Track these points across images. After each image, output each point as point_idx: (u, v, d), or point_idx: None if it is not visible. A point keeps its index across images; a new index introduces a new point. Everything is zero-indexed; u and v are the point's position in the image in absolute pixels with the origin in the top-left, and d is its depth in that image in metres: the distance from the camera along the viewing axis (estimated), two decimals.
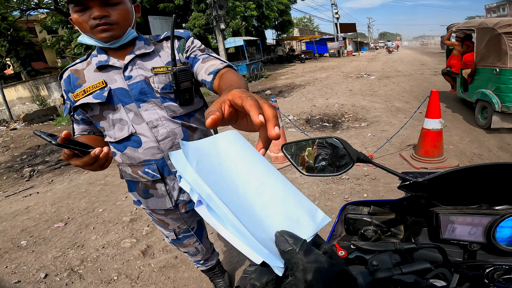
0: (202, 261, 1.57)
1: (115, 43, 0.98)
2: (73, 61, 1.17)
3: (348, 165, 0.70)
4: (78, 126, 1.12)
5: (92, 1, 0.89)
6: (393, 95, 6.83)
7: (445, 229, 0.58)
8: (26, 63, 14.02)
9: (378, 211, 0.79)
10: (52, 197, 3.63)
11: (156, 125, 1.04)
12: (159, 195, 1.15)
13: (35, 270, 2.25)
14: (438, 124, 2.88)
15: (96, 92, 1.00)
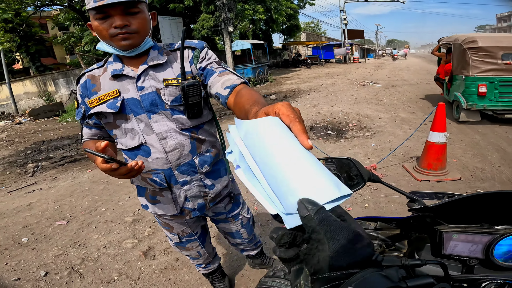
0: (204, 264, 1.59)
1: (133, 51, 1.00)
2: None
3: (360, 184, 0.75)
4: (89, 130, 1.14)
5: (113, 10, 0.90)
6: (398, 104, 6.83)
7: (447, 246, 0.62)
8: (35, 59, 14.17)
9: (384, 226, 0.83)
10: (55, 194, 3.66)
11: (165, 137, 1.06)
12: (166, 202, 1.18)
13: (36, 268, 2.26)
14: (443, 137, 2.88)
15: (110, 101, 1.02)
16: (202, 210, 1.23)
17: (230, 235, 1.54)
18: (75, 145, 6.33)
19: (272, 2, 17.44)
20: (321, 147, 4.10)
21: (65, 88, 13.30)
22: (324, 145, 4.35)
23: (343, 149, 4.12)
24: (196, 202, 1.19)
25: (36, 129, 9.17)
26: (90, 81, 1.07)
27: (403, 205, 2.60)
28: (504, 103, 4.57)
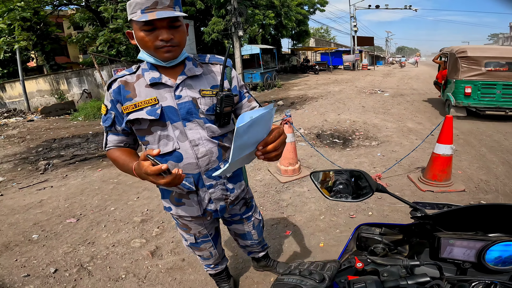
0: (213, 265, 1.66)
1: (171, 62, 1.07)
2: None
3: (368, 194, 0.84)
4: (116, 137, 1.17)
5: (160, 23, 0.97)
6: (406, 114, 6.82)
7: (444, 250, 0.70)
8: (50, 57, 14.48)
9: (388, 232, 0.90)
10: (66, 192, 3.75)
11: (198, 144, 1.13)
12: (191, 204, 1.25)
13: (45, 265, 2.30)
14: (449, 150, 2.90)
15: (149, 109, 1.07)
16: (222, 211, 1.31)
17: (241, 237, 1.62)
18: (86, 144, 6.46)
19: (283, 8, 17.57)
20: (327, 155, 4.14)
21: (77, 87, 13.55)
22: (330, 153, 4.38)
23: (349, 158, 4.15)
24: (218, 204, 1.27)
25: (48, 126, 9.35)
26: (124, 87, 1.10)
27: (406, 214, 2.65)
28: (485, 102, 5.77)
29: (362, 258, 0.70)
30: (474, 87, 5.77)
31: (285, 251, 2.28)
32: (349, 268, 0.69)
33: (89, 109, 10.71)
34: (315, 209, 2.85)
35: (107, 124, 1.15)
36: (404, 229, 0.87)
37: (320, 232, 2.48)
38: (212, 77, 1.16)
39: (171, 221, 2.82)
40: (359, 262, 0.67)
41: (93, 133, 7.55)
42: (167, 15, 0.93)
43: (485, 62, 5.69)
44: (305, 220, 2.68)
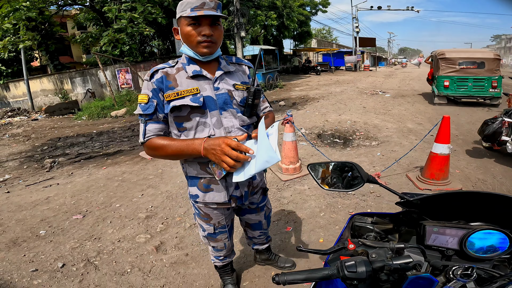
0: (223, 257, 1.73)
1: (208, 57, 1.22)
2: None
3: (360, 184, 0.91)
4: (157, 125, 1.24)
5: (205, 20, 1.14)
6: (407, 115, 6.88)
7: (429, 238, 0.75)
8: (54, 57, 14.60)
9: (380, 221, 0.96)
10: (72, 189, 3.83)
11: (230, 131, 1.26)
12: (219, 190, 1.34)
13: (53, 260, 2.35)
14: (446, 149, 2.96)
15: (191, 97, 1.20)
16: (246, 198, 1.42)
17: (251, 227, 1.73)
18: (90, 143, 6.55)
19: (285, 9, 17.67)
20: (327, 155, 4.21)
21: (81, 87, 13.69)
22: (331, 153, 4.45)
23: (349, 157, 4.22)
24: (243, 190, 1.38)
25: (52, 125, 9.46)
26: (165, 77, 1.22)
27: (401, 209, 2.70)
28: (460, 92, 7.66)
29: (354, 241, 0.77)
30: (451, 81, 7.68)
31: (286, 247, 2.35)
32: (343, 249, 0.77)
33: (93, 108, 10.82)
34: (315, 206, 2.92)
35: (149, 111, 1.22)
36: (394, 218, 0.93)
37: (320, 229, 2.55)
38: (241, 74, 1.34)
39: (175, 217, 2.89)
40: (351, 244, 0.75)
41: (97, 132, 7.64)
42: (211, 13, 1.11)
43: (459, 62, 7.68)
44: (305, 217, 2.75)
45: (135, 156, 5.05)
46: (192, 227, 2.70)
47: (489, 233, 0.70)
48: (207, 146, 1.12)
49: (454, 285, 0.63)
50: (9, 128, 9.48)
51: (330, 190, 0.98)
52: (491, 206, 0.78)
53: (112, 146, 6.01)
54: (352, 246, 0.74)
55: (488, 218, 0.77)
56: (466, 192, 0.80)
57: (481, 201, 0.79)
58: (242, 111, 1.30)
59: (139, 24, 10.49)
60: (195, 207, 1.50)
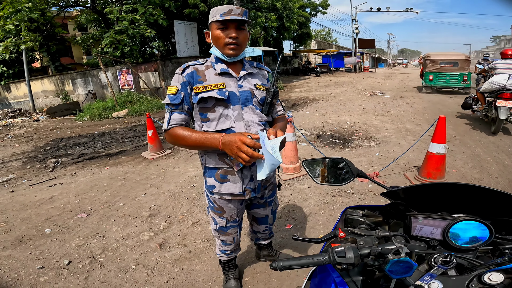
0: (229, 251, 1.81)
1: (233, 59, 1.38)
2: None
3: (350, 179, 1.00)
4: (181, 115, 1.37)
5: (231, 24, 1.30)
6: (405, 116, 6.95)
7: (415, 229, 0.80)
8: (55, 58, 14.66)
9: (370, 214, 1.03)
10: (75, 188, 3.88)
11: (250, 125, 1.40)
12: (235, 181, 1.44)
13: (59, 257, 2.39)
14: (442, 148, 3.03)
15: (217, 90, 1.34)
16: (258, 190, 1.51)
17: (257, 221, 1.83)
18: (92, 143, 6.62)
19: (285, 10, 17.75)
20: (327, 155, 4.27)
21: (83, 88, 13.75)
22: (330, 153, 4.52)
23: (348, 157, 4.26)
24: (256, 182, 1.47)
25: (54, 126, 9.51)
26: (196, 72, 1.37)
27: None
28: (440, 83, 10.64)
29: (344, 230, 0.84)
30: (434, 75, 10.75)
31: (286, 243, 2.41)
32: (334, 237, 0.83)
33: (94, 109, 10.88)
34: (314, 204, 2.98)
35: (177, 101, 1.35)
36: (383, 211, 0.99)
37: (320, 226, 2.61)
38: (261, 77, 1.50)
39: (178, 215, 2.96)
40: (342, 233, 0.81)
41: (99, 133, 7.70)
42: (237, 17, 1.27)
43: (440, 62, 10.72)
44: (305, 215, 2.81)
45: (137, 156, 5.12)
46: (195, 225, 2.76)
47: (471, 224, 0.74)
48: (224, 141, 1.21)
49: (435, 271, 0.68)
50: (11, 129, 9.53)
51: (324, 184, 1.07)
52: (474, 198, 0.82)
53: (114, 146, 6.07)
54: (342, 234, 0.81)
55: (470, 210, 0.82)
56: (448, 183, 0.85)
57: (464, 193, 0.83)
58: (260, 109, 1.44)
59: (140, 25, 10.58)
60: (209, 200, 1.59)
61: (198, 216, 2.91)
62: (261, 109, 1.44)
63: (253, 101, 1.41)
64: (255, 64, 1.54)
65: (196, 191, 3.46)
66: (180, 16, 13.38)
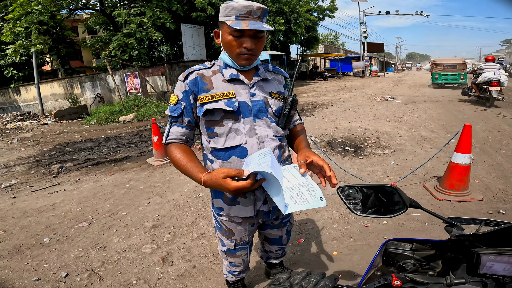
0: (237, 272, 1.63)
1: (245, 68, 1.19)
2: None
3: (401, 210, 0.84)
4: (180, 129, 1.20)
5: (249, 32, 1.07)
6: (419, 122, 6.72)
7: (484, 266, 0.68)
8: (65, 61, 14.76)
9: (420, 247, 0.88)
10: (78, 196, 3.77)
11: (264, 141, 1.19)
12: (246, 203, 1.25)
13: (56, 269, 2.28)
14: (467, 159, 2.83)
15: (225, 101, 1.14)
16: (273, 213, 1.32)
17: (270, 241, 1.63)
18: (98, 148, 6.54)
19: (292, 14, 17.67)
20: (339, 163, 4.08)
21: (91, 92, 13.82)
22: (342, 161, 4.32)
23: (361, 166, 4.09)
24: (271, 205, 1.29)
25: (61, 130, 9.53)
26: (201, 79, 1.17)
27: (422, 223, 2.59)
28: (444, 81, 15.03)
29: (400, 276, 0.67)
30: (439, 75, 15.03)
31: (298, 260, 2.24)
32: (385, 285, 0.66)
33: (101, 113, 10.89)
34: (328, 217, 2.80)
35: (175, 113, 1.18)
36: (437, 245, 0.84)
37: (334, 241, 2.43)
38: (277, 84, 1.28)
39: (182, 227, 2.80)
40: (397, 280, 0.64)
41: (105, 137, 7.64)
42: (258, 27, 1.03)
43: (443, 65, 15.05)
44: (318, 229, 2.63)
45: (142, 163, 5.00)
46: (200, 238, 2.60)
47: None
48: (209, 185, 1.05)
49: None
50: (19, 132, 9.57)
51: (367, 216, 0.89)
52: None
53: (119, 152, 5.98)
54: (398, 282, 0.64)
55: None
56: None
57: None
58: (276, 121, 1.24)
59: (147, 28, 10.57)
60: (217, 221, 1.41)
61: (203, 228, 2.75)
62: (277, 122, 1.24)
63: (267, 112, 1.20)
64: (270, 67, 1.31)
65: (202, 201, 3.30)
66: (188, 19, 13.38)
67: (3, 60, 14.72)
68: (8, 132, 9.63)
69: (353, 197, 0.92)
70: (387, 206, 0.86)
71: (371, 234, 2.51)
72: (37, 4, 10.08)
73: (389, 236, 2.45)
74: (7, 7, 10.55)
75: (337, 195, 0.93)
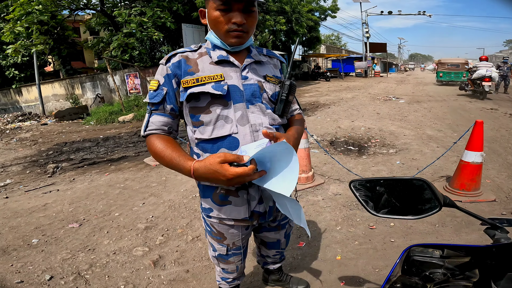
0: (231, 279, 1.49)
1: (236, 48, 1.05)
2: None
3: (434, 209, 0.69)
4: (161, 117, 1.05)
5: (237, 5, 0.94)
6: (425, 121, 6.56)
7: None
8: (66, 62, 14.70)
9: (452, 254, 0.74)
10: (71, 196, 3.65)
11: (258, 130, 1.05)
12: (238, 203, 1.10)
13: (41, 271, 2.18)
14: (479, 157, 2.67)
15: (213, 84, 1.00)
16: (270, 214, 1.19)
17: (267, 245, 1.49)
18: (96, 148, 6.43)
19: (294, 14, 17.56)
20: (342, 163, 3.92)
21: (91, 92, 13.78)
22: (345, 161, 4.17)
23: (365, 166, 3.93)
24: (267, 205, 1.15)
25: (60, 130, 9.46)
26: (185, 61, 1.04)
27: (432, 225, 2.43)
28: (447, 79, 17.32)
29: None
30: (443, 73, 17.39)
31: (298, 265, 2.09)
32: None
33: (101, 113, 10.82)
34: (330, 219, 2.64)
35: (156, 100, 1.04)
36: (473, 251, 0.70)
37: (337, 244, 2.28)
38: (272, 68, 1.15)
39: (177, 229, 2.66)
40: None
41: (103, 137, 7.54)
42: None
43: (447, 64, 17.53)
44: (320, 231, 2.48)
45: (139, 163, 4.87)
46: (195, 240, 2.46)
47: None
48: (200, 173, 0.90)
49: None
50: (18, 133, 9.50)
51: (385, 216, 0.73)
52: None
53: (117, 151, 5.86)
54: None
55: None
56: None
57: None
58: (272, 108, 1.10)
59: (148, 28, 10.49)
60: (206, 224, 1.26)
61: (199, 230, 2.60)
62: (273, 108, 1.10)
63: (262, 97, 1.07)
64: (264, 51, 1.18)
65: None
66: (188, 19, 13.30)
67: (4, 61, 14.72)
68: (7, 133, 9.56)
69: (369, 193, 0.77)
70: (414, 204, 0.71)
71: (377, 237, 2.35)
72: (38, 4, 10.01)
73: (397, 239, 2.30)
74: (8, 7, 10.46)
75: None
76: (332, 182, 3.43)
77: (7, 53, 12.11)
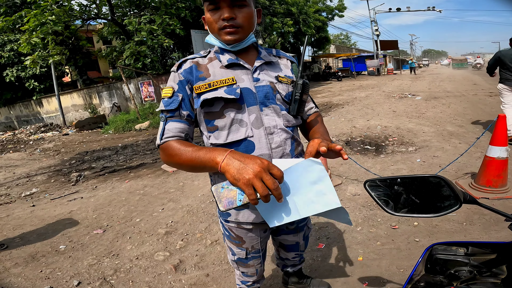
0: (251, 282, 1.49)
1: (236, 46, 1.04)
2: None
3: (453, 207, 0.67)
4: (178, 124, 1.02)
5: (223, 1, 0.95)
6: (444, 117, 6.37)
7: None
8: (82, 72, 15.12)
9: (478, 251, 0.73)
10: (94, 203, 3.77)
11: (272, 132, 1.05)
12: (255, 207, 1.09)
13: (69, 277, 2.25)
14: (504, 152, 2.57)
15: (225, 88, 1.00)
16: None
17: (285, 248, 1.48)
18: (115, 156, 6.60)
19: (300, 15, 17.53)
20: (360, 163, 3.86)
21: (108, 101, 14.16)
22: (363, 161, 4.10)
23: (384, 165, 3.85)
24: None
25: (81, 140, 9.77)
26: (196, 67, 1.05)
27: (459, 223, 2.35)
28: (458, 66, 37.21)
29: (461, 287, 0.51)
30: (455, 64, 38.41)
31: (318, 266, 2.06)
32: None
33: (118, 122, 11.10)
34: (350, 219, 2.60)
35: (172, 107, 1.02)
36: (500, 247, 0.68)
37: (358, 245, 2.24)
38: (283, 68, 1.14)
39: (196, 233, 2.69)
40: None
41: (122, 145, 7.74)
42: None
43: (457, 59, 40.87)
44: (339, 232, 2.45)
45: (157, 169, 4.97)
46: (214, 244, 2.48)
47: None
48: (234, 157, 0.82)
49: None
50: (41, 143, 9.88)
51: (403, 215, 0.72)
52: None
53: (135, 159, 6.00)
54: None
55: None
56: None
57: None
58: (287, 109, 1.08)
59: (158, 36, 10.66)
60: (224, 228, 1.26)
61: (217, 234, 2.62)
62: (288, 109, 1.08)
63: (275, 98, 1.06)
64: (274, 51, 1.17)
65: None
66: (197, 25, 13.48)
67: (23, 73, 15.08)
68: (31, 143, 9.97)
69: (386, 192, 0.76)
70: (433, 201, 0.70)
71: (400, 237, 2.30)
72: (51, 15, 10.16)
73: (422, 239, 2.24)
74: (22, 18, 10.69)
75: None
76: (350, 183, 3.38)
77: (25, 65, 12.41)
